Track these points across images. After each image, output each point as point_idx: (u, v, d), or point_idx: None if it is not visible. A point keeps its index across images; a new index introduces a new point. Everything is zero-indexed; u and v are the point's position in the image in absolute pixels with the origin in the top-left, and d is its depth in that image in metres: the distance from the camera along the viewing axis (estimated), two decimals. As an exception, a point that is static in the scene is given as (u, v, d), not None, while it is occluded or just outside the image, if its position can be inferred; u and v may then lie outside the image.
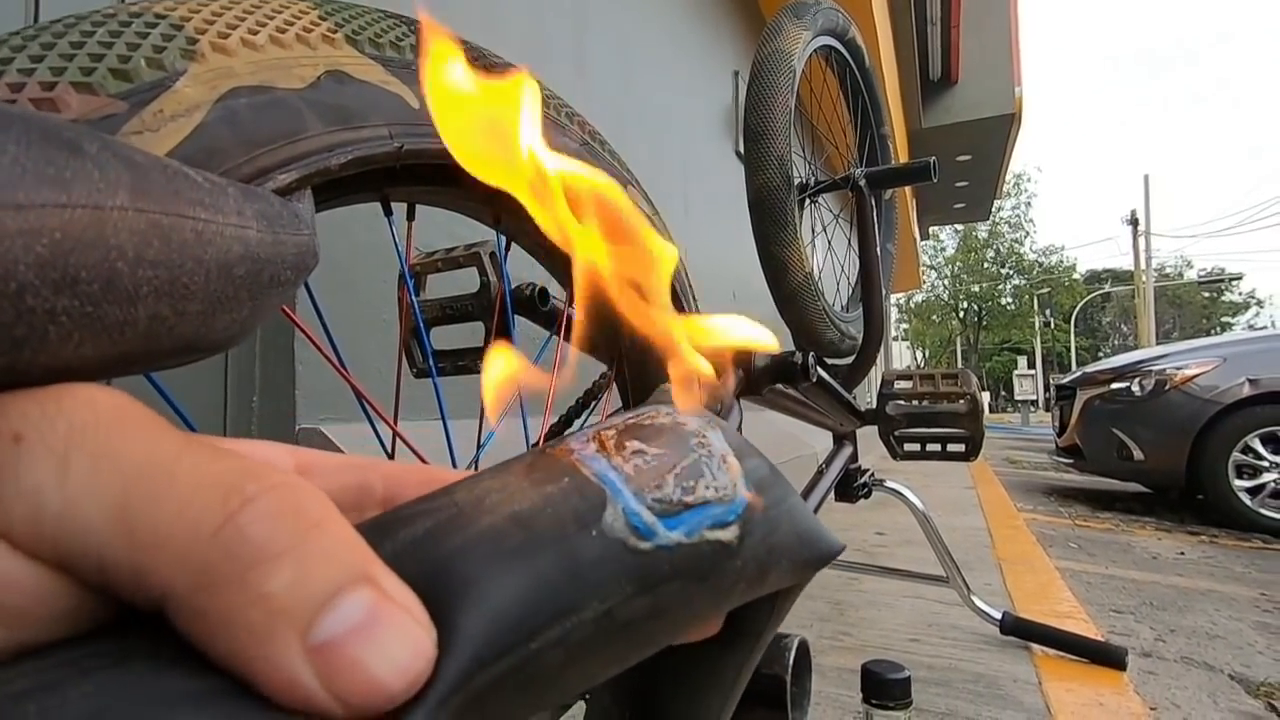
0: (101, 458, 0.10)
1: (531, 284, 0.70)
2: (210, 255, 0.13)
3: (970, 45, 8.42)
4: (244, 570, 0.09)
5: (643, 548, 0.13)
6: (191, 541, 0.09)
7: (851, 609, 1.60)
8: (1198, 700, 1.18)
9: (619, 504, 0.14)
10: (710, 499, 0.15)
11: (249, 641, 0.09)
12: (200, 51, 0.20)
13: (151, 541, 0.09)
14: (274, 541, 0.10)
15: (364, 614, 0.10)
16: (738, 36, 3.69)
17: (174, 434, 0.11)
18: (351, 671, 0.09)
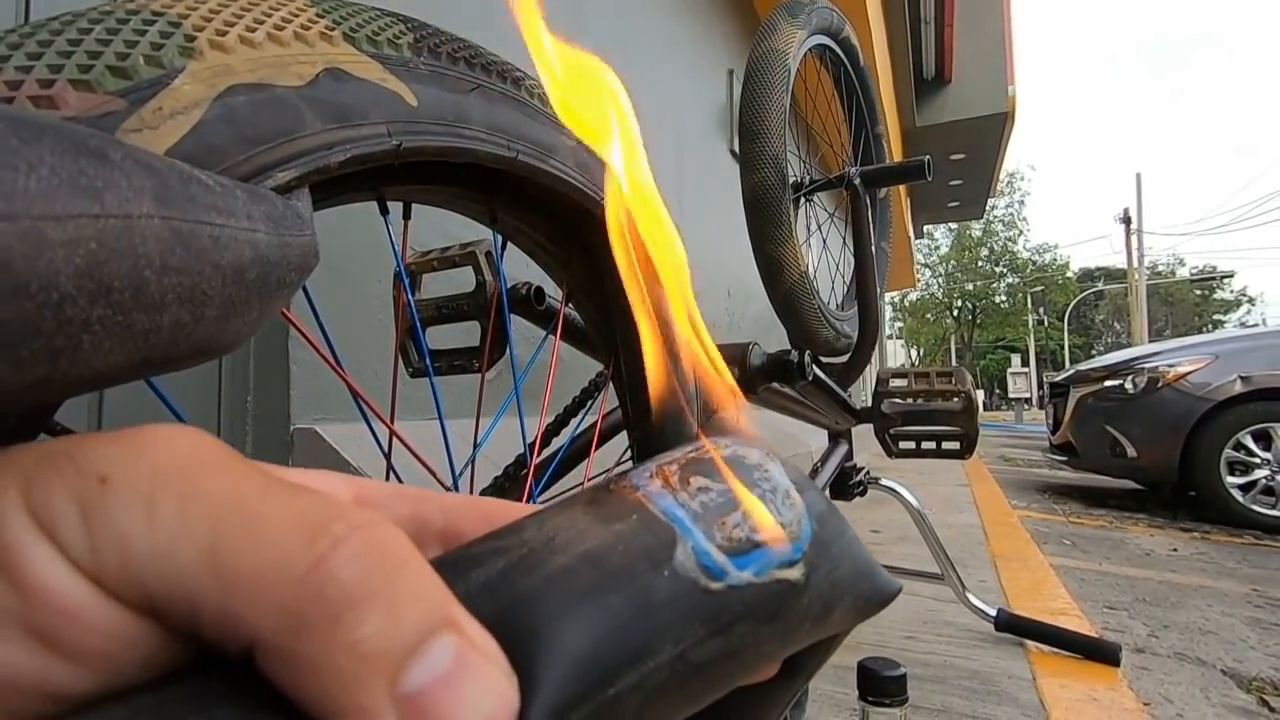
0: (187, 499, 0.10)
1: (528, 283, 0.70)
2: (226, 260, 0.13)
3: (964, 44, 8.44)
4: (334, 615, 0.09)
5: (714, 588, 0.13)
6: (281, 584, 0.09)
7: (847, 606, 1.60)
8: (1190, 695, 1.18)
9: (689, 543, 0.13)
10: (771, 540, 0.15)
11: (338, 689, 0.09)
12: (198, 49, 0.20)
13: (241, 584, 0.09)
14: (363, 585, 0.09)
15: (451, 662, 0.10)
16: (732, 35, 3.70)
17: (254, 471, 0.10)
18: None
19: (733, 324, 3.35)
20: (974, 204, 13.46)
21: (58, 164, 0.10)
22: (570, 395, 0.73)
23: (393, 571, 0.10)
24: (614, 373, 0.51)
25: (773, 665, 0.15)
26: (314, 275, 0.22)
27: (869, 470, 1.34)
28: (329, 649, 0.09)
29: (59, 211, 0.10)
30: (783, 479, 0.16)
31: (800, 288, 1.14)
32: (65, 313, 0.10)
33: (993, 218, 36.54)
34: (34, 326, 0.10)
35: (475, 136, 0.31)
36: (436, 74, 0.30)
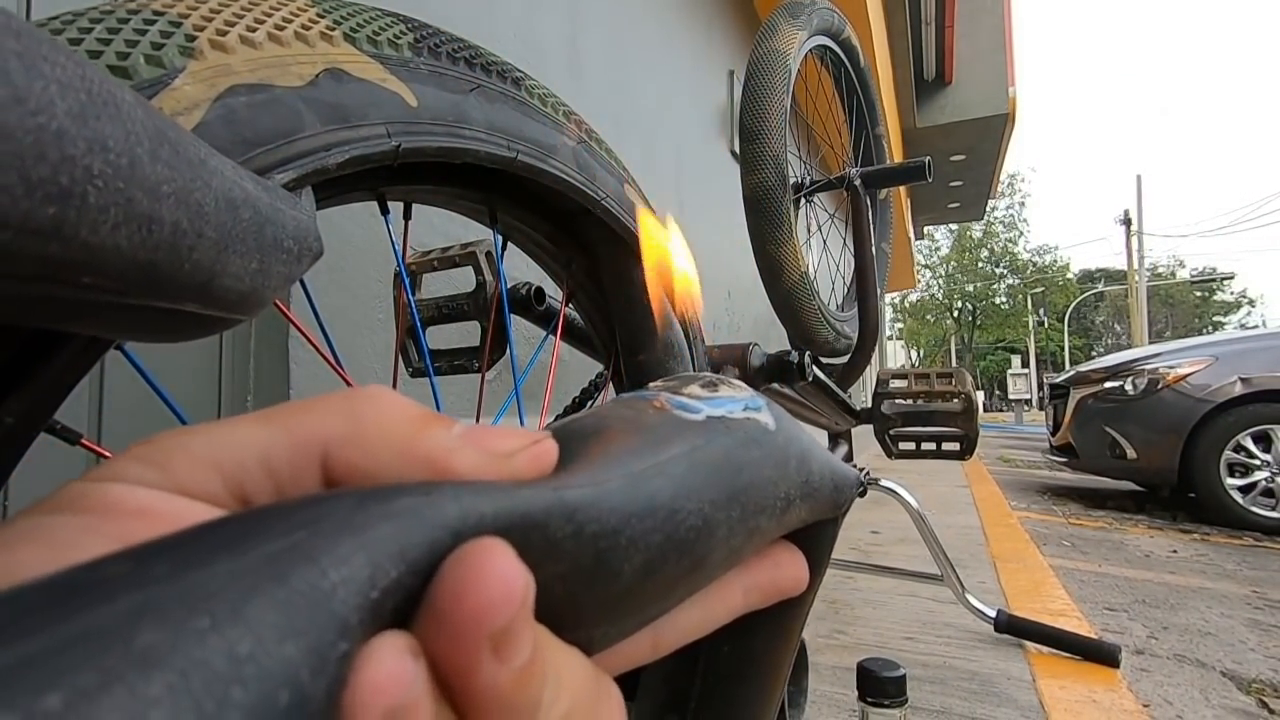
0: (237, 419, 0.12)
1: (528, 283, 0.70)
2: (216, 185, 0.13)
3: (964, 46, 8.45)
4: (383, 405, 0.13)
5: (696, 419, 0.16)
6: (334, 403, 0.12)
7: (847, 607, 1.60)
8: (1190, 697, 1.18)
9: (662, 398, 0.17)
10: (735, 395, 0.18)
11: (411, 440, 0.12)
12: (199, 49, 0.20)
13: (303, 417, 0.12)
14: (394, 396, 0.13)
15: (477, 425, 0.13)
16: (733, 36, 3.70)
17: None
18: (493, 437, 0.13)
19: (733, 324, 3.35)
20: (974, 205, 13.46)
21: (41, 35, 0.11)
22: (570, 395, 0.73)
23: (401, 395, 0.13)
24: (614, 373, 0.51)
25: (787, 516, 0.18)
26: (314, 275, 0.22)
27: (869, 471, 1.34)
28: (389, 420, 0.12)
29: (49, 56, 0.11)
30: (726, 376, 0.19)
31: (800, 288, 1.14)
32: (65, 147, 0.11)
33: (993, 219, 36.53)
34: (39, 148, 0.10)
35: (475, 137, 0.31)
36: (436, 74, 0.30)
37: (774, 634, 0.23)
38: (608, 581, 0.13)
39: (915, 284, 17.02)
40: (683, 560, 0.14)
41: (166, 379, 0.33)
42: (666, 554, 0.14)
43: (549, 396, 0.53)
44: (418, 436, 0.12)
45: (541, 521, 0.12)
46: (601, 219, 0.42)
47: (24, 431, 0.19)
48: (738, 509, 0.16)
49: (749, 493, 0.16)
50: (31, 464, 0.20)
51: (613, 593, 0.13)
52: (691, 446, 0.15)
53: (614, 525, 0.13)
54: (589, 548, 0.12)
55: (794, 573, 0.19)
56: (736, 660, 0.24)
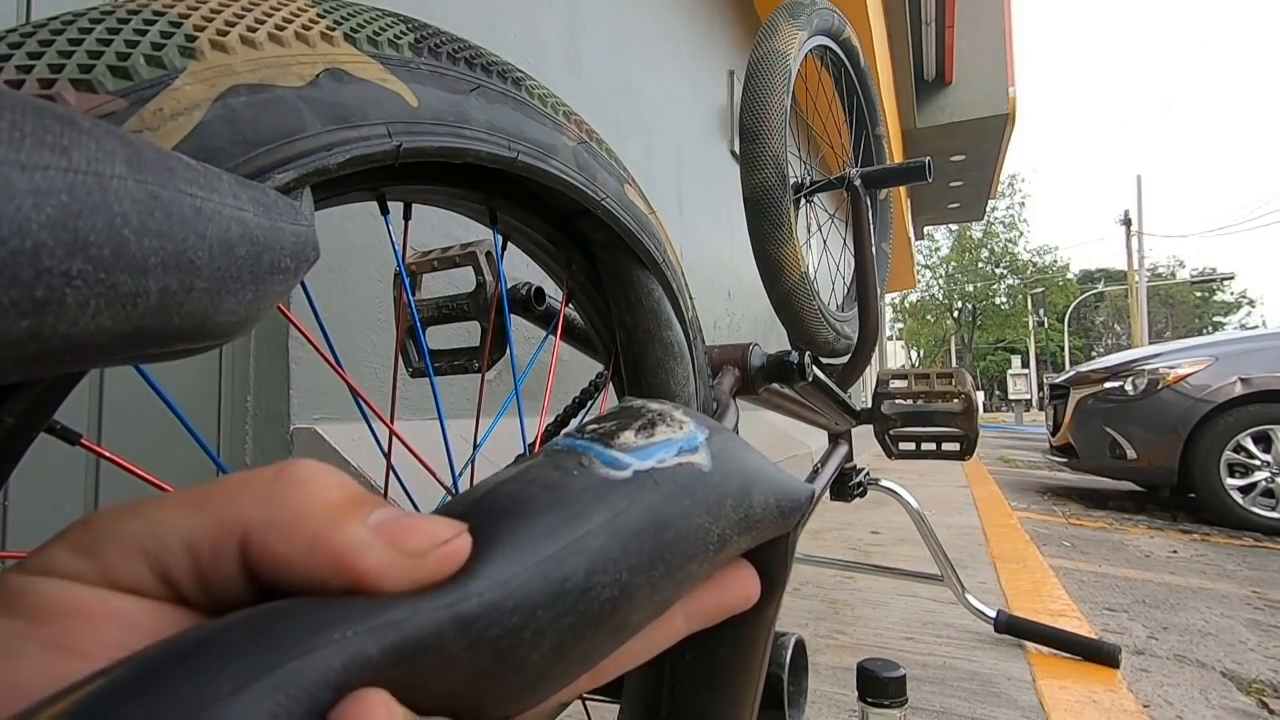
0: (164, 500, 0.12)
1: (528, 284, 0.70)
2: (211, 232, 0.13)
3: (964, 46, 8.44)
4: (305, 490, 0.12)
5: (621, 476, 0.15)
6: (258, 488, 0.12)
7: (847, 608, 1.60)
8: (1190, 698, 1.18)
9: (590, 454, 0.16)
10: (672, 436, 0.17)
11: (323, 528, 0.12)
12: (199, 49, 0.20)
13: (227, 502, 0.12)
14: (322, 476, 0.13)
15: (400, 511, 0.13)
16: (732, 36, 3.70)
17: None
18: (409, 532, 0.12)
19: (733, 324, 3.35)
20: (974, 205, 13.45)
21: (19, 119, 0.10)
22: (570, 395, 0.73)
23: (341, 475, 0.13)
24: (614, 373, 0.51)
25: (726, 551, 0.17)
26: (314, 275, 0.22)
27: (869, 471, 1.34)
28: (301, 504, 0.12)
29: (24, 161, 0.10)
30: (668, 407, 0.18)
31: (800, 288, 1.14)
32: (42, 261, 0.10)
33: (993, 219, 36.51)
34: (11, 273, 0.10)
35: (476, 137, 0.31)
36: (437, 74, 0.30)
37: (737, 643, 0.23)
38: (514, 673, 0.13)
39: (915, 284, 17.02)
40: (599, 632, 0.14)
41: (166, 379, 0.33)
42: (580, 631, 0.13)
43: (549, 396, 0.53)
44: (332, 529, 0.12)
45: (435, 645, 0.11)
46: (602, 219, 0.42)
47: (24, 431, 0.19)
48: (662, 566, 0.15)
49: (676, 547, 0.15)
50: (31, 464, 0.20)
51: (522, 681, 0.13)
52: (613, 514, 0.15)
53: (517, 623, 0.12)
54: (489, 650, 0.12)
55: (741, 592, 0.19)
56: (703, 670, 0.24)
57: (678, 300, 0.50)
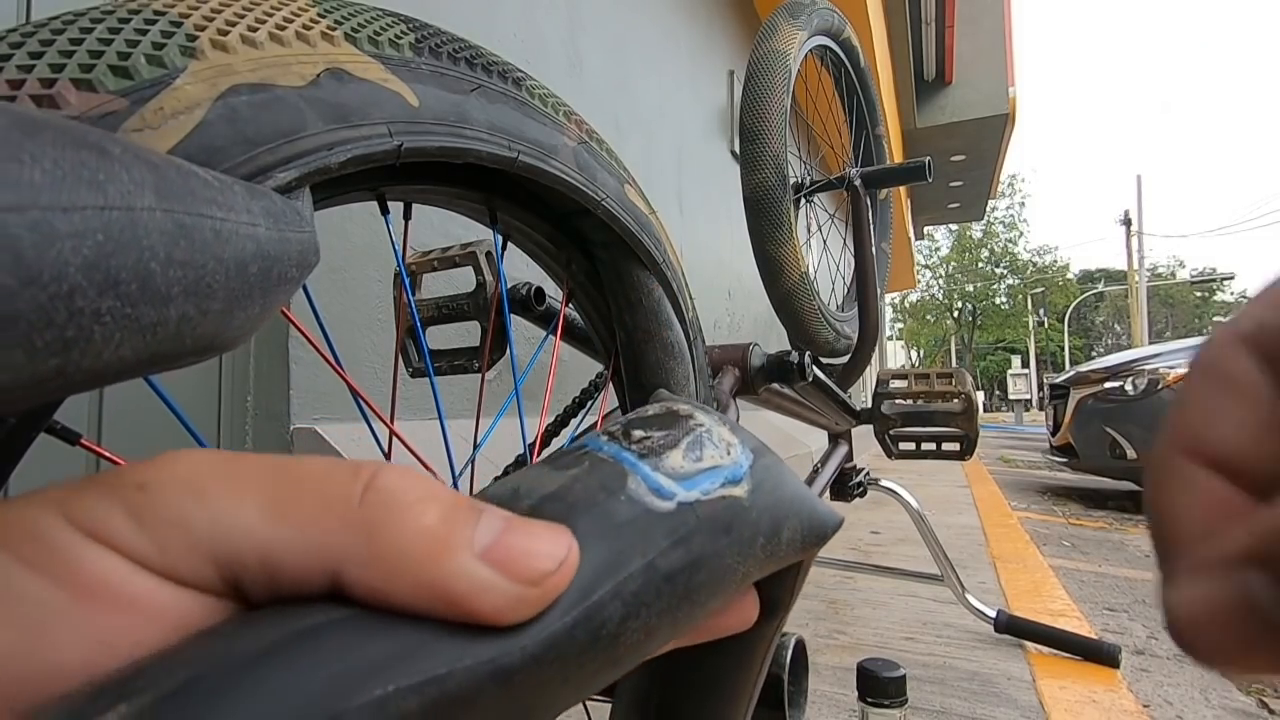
0: (230, 479, 0.11)
1: (528, 283, 0.70)
2: (228, 254, 0.13)
3: (964, 46, 8.44)
4: (400, 516, 0.11)
5: (667, 508, 0.15)
6: (347, 509, 0.11)
7: (847, 608, 1.60)
8: (1190, 698, 1.18)
9: (637, 475, 0.15)
10: (719, 463, 0.17)
11: (430, 567, 0.11)
12: (200, 49, 0.20)
13: (314, 521, 0.11)
14: (411, 491, 0.11)
15: (503, 522, 0.12)
16: (732, 36, 3.70)
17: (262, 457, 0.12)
18: (523, 556, 0.11)
19: (733, 325, 3.35)
20: (974, 205, 13.46)
21: (60, 156, 0.10)
22: (570, 395, 0.73)
23: (427, 482, 0.12)
24: (614, 373, 0.51)
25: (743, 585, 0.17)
26: (314, 275, 0.22)
27: (869, 471, 1.34)
28: (399, 540, 0.11)
29: (65, 203, 0.10)
30: (716, 423, 0.18)
31: (800, 288, 1.14)
32: (76, 304, 0.10)
33: (993, 219, 36.52)
34: (47, 317, 0.10)
35: (476, 137, 0.31)
36: (438, 74, 0.30)
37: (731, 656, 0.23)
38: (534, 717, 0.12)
39: (915, 284, 17.02)
40: (618, 670, 0.14)
41: (166, 379, 0.33)
42: (601, 673, 0.13)
43: (549, 397, 0.53)
44: (442, 567, 0.11)
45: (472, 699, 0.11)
46: (602, 220, 0.42)
47: (24, 431, 0.19)
48: (687, 606, 0.15)
49: (705, 588, 0.15)
50: (31, 464, 0.20)
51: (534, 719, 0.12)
52: (655, 553, 0.14)
53: (549, 675, 0.12)
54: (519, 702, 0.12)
55: (739, 616, 0.18)
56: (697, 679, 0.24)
57: (678, 300, 0.50)
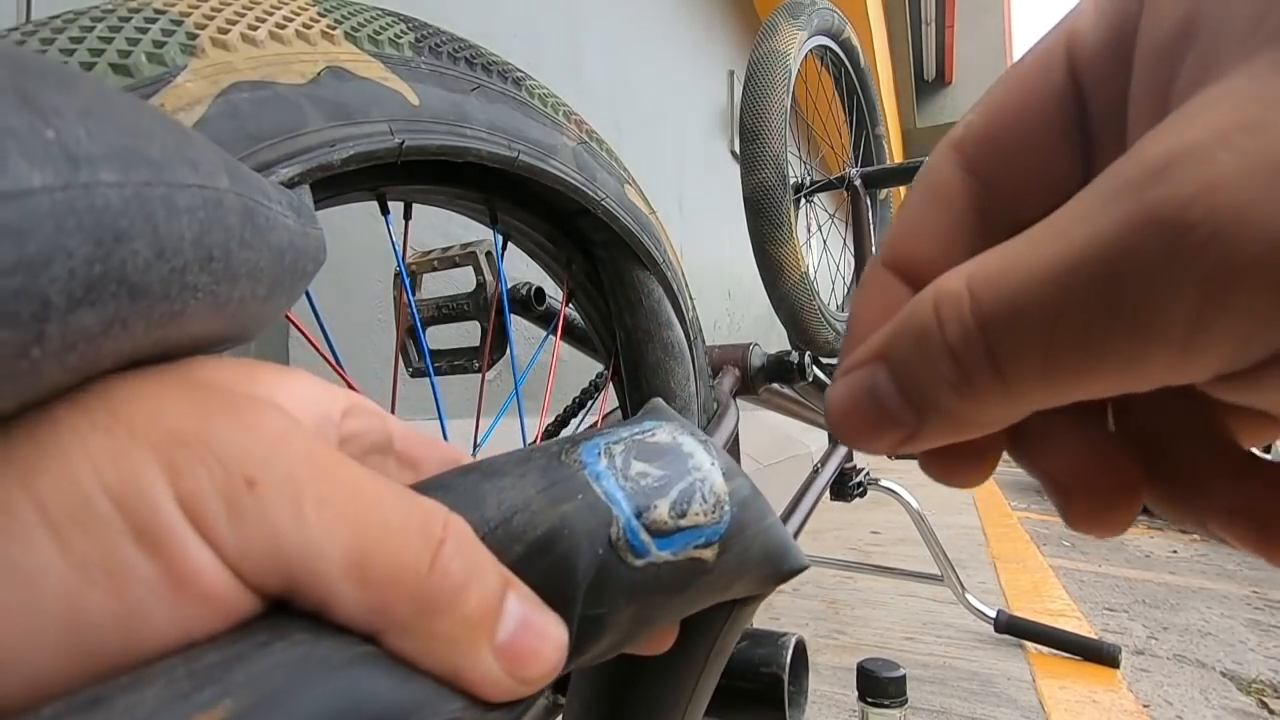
0: (325, 503, 0.11)
1: (528, 284, 0.70)
2: (274, 240, 0.14)
3: (964, 46, 8.45)
4: (453, 598, 0.12)
5: (638, 565, 0.15)
6: (413, 580, 0.12)
7: (846, 608, 1.60)
8: (1190, 698, 1.18)
9: (621, 522, 0.15)
10: (700, 523, 0.17)
11: (456, 655, 0.12)
12: (200, 47, 0.20)
13: (383, 583, 0.11)
14: (464, 572, 0.12)
15: (521, 613, 0.13)
16: (733, 36, 3.70)
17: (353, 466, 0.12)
18: (530, 659, 0.13)
19: (733, 325, 3.35)
20: (974, 205, 13.43)
21: (166, 136, 0.11)
22: (570, 395, 0.73)
23: (473, 554, 0.13)
24: (614, 373, 0.51)
25: (667, 634, 0.18)
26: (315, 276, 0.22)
27: (869, 471, 1.34)
28: (448, 624, 0.12)
29: (179, 179, 0.11)
30: (712, 469, 0.18)
31: (800, 288, 1.14)
32: (185, 279, 0.11)
33: (993, 219, 36.55)
34: (166, 290, 0.11)
35: (476, 136, 0.31)
36: (437, 73, 0.30)
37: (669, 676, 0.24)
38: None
39: (915, 284, 16.96)
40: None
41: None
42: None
43: (549, 396, 0.53)
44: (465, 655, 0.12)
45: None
46: (602, 219, 0.42)
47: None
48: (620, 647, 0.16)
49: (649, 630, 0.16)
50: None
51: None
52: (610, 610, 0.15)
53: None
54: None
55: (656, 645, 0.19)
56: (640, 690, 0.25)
57: (678, 300, 0.50)
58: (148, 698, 0.09)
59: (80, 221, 0.09)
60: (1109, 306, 0.10)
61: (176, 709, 0.09)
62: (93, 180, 0.09)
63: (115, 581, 0.10)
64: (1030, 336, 0.10)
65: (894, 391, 0.13)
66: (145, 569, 0.10)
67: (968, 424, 0.12)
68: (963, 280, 0.11)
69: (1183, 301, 0.09)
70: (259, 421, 0.12)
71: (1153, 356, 0.10)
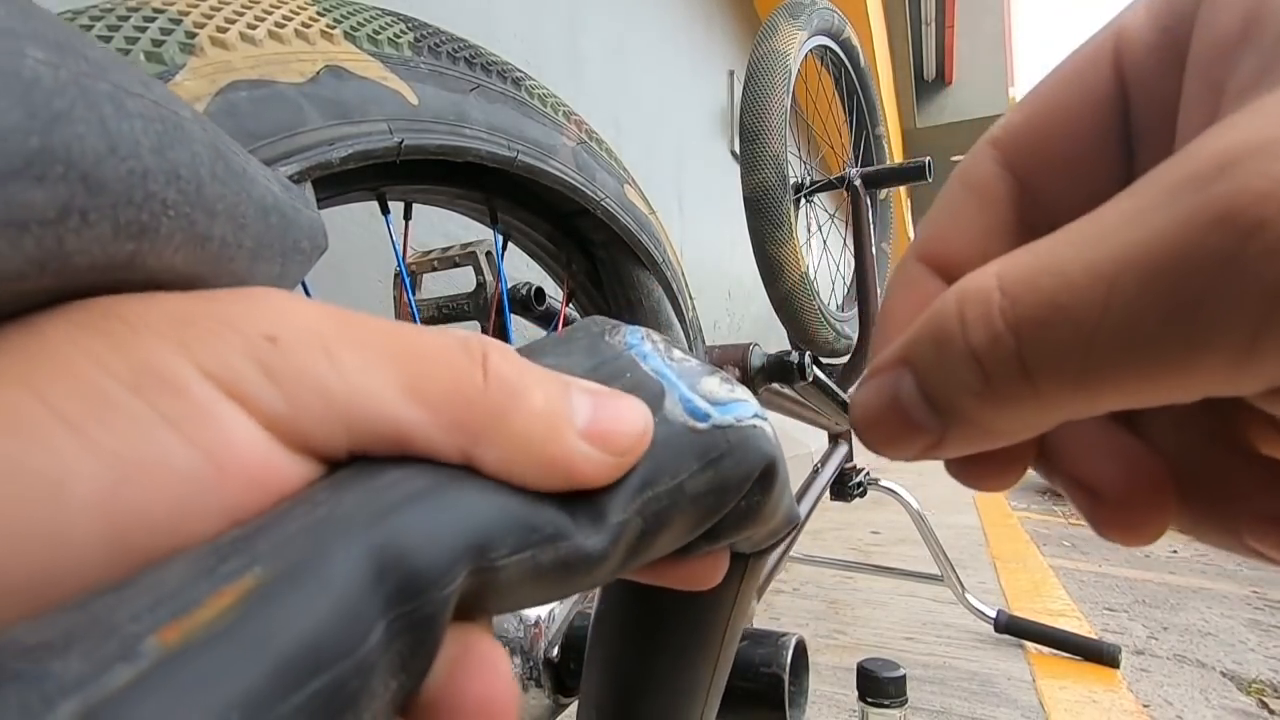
0: (360, 345, 0.11)
1: (528, 283, 0.70)
2: (254, 194, 0.13)
3: (964, 46, 8.45)
4: (517, 401, 0.12)
5: (701, 428, 0.15)
6: (475, 393, 0.11)
7: (847, 608, 1.60)
8: (1190, 698, 1.18)
9: (675, 394, 0.16)
10: (744, 399, 0.17)
11: (545, 447, 0.12)
12: (199, 45, 0.20)
13: (446, 404, 0.11)
14: (518, 375, 0.12)
15: (592, 398, 0.13)
16: (733, 36, 3.70)
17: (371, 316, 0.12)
18: (614, 430, 0.13)
19: (733, 325, 3.35)
20: (974, 205, 13.44)
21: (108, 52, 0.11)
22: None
23: (519, 359, 0.13)
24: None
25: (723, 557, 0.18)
26: (314, 275, 0.22)
27: (869, 471, 1.34)
28: (525, 423, 0.12)
29: (128, 85, 0.10)
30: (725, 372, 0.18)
31: (800, 288, 1.14)
32: (149, 186, 0.10)
33: (993, 219, 36.57)
34: (128, 193, 0.10)
35: (476, 136, 0.31)
36: (437, 73, 0.30)
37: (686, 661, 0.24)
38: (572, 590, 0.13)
39: (915, 284, 16.96)
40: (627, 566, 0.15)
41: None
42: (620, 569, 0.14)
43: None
44: (556, 444, 0.12)
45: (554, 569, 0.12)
46: (601, 220, 0.42)
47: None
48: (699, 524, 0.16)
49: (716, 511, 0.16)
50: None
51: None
52: (685, 475, 0.15)
53: (605, 558, 0.13)
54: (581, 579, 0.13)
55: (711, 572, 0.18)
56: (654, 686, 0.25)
57: (678, 300, 0.50)
58: (168, 576, 0.08)
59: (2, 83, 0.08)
60: (1162, 311, 0.09)
61: (201, 585, 0.08)
62: (16, 50, 0.08)
63: (153, 476, 0.09)
64: (1069, 341, 0.10)
65: (918, 398, 0.12)
66: (184, 456, 0.09)
67: (996, 432, 0.12)
68: (992, 279, 0.11)
69: (1246, 309, 0.09)
70: (263, 295, 0.11)
71: (1204, 366, 0.09)
